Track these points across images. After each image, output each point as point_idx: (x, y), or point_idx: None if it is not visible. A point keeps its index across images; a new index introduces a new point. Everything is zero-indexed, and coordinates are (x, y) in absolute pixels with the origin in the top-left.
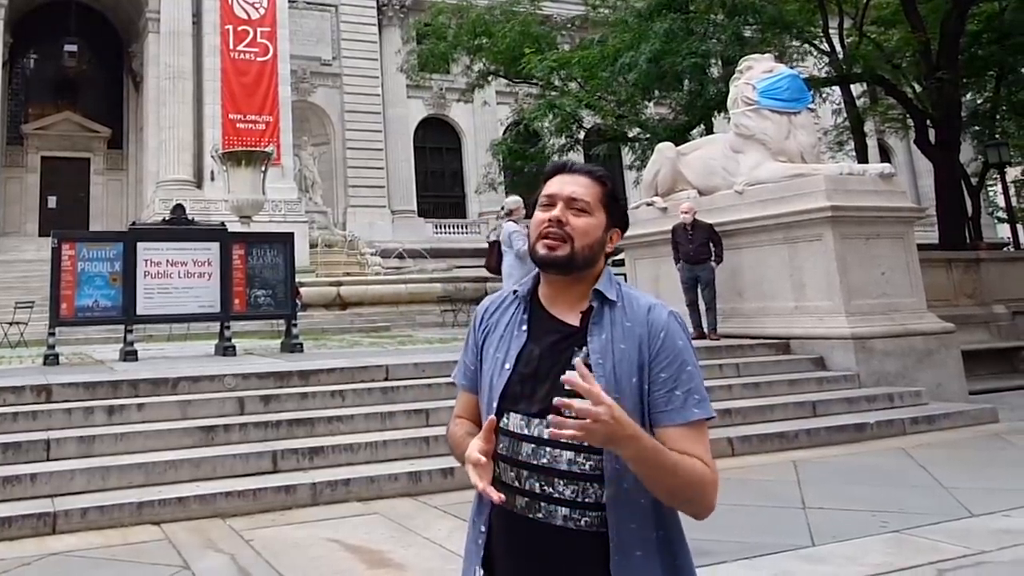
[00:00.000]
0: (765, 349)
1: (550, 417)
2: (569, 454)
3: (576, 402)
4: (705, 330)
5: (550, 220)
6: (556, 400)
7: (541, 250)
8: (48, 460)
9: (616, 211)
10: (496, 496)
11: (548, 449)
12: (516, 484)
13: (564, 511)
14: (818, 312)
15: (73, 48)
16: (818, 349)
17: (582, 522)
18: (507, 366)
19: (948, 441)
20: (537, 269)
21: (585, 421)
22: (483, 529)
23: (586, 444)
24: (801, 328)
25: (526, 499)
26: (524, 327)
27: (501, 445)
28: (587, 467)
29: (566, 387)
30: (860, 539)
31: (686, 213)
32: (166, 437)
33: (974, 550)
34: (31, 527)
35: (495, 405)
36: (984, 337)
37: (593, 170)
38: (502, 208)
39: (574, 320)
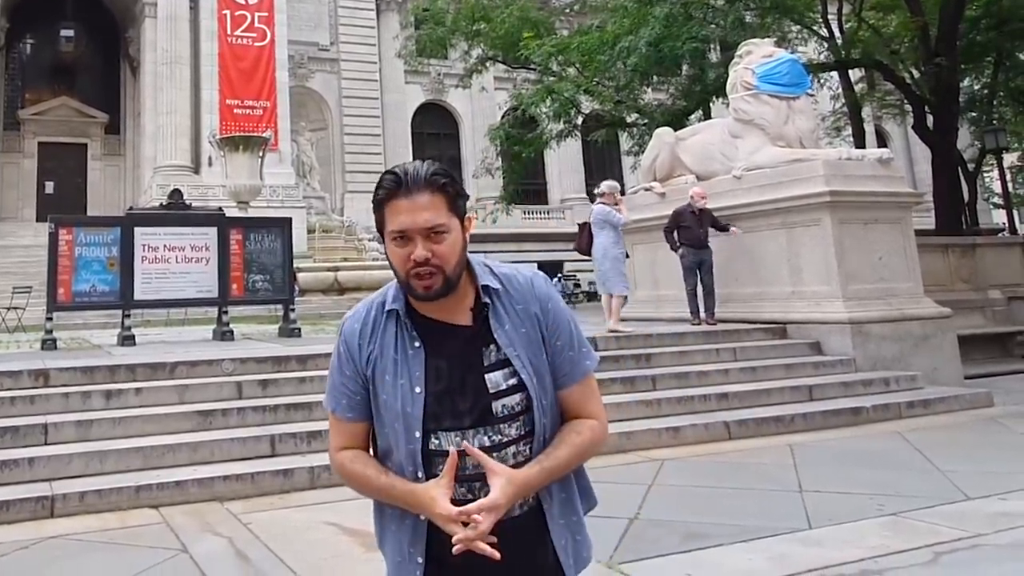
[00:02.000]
0: (762, 334)
1: (455, 538)
2: (512, 448)
3: (472, 507)
4: (702, 315)
5: (416, 262)
6: (458, 510)
7: (418, 289)
8: (46, 444)
9: (461, 201)
10: (494, 554)
11: (495, 455)
12: (470, 497)
13: (515, 502)
14: (815, 297)
15: (70, 33)
16: (815, 334)
17: (528, 500)
18: (418, 389)
19: (944, 425)
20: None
21: (487, 523)
22: (420, 560)
23: (526, 431)
24: (798, 313)
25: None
26: (417, 343)
27: (440, 467)
28: (527, 451)
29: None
30: (857, 522)
31: (703, 198)
32: (164, 421)
33: (970, 533)
34: (29, 511)
35: (417, 434)
36: (980, 322)
37: (430, 179)
38: (596, 188)
39: (464, 320)
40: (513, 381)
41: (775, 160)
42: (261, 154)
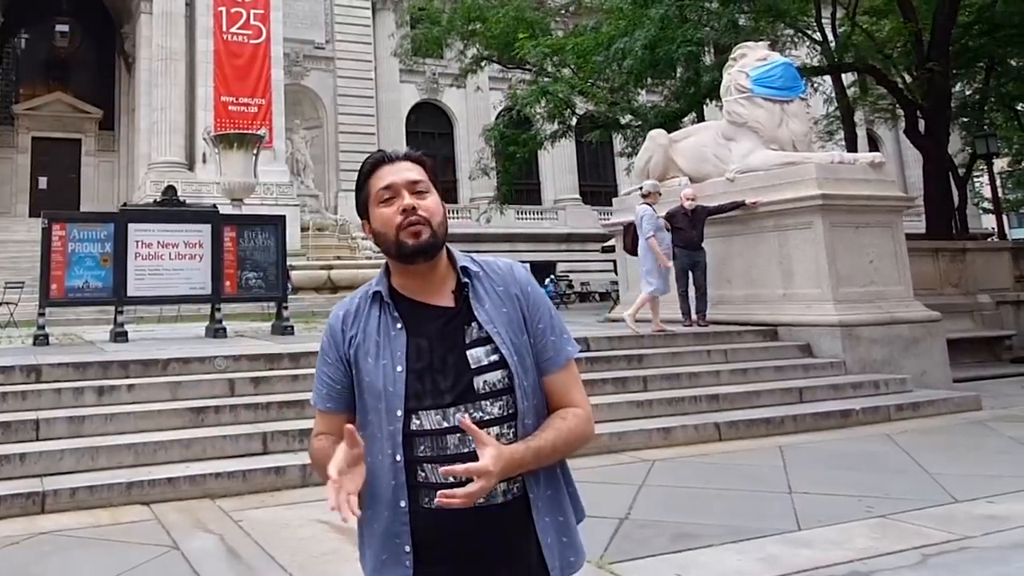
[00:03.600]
0: (753, 336)
1: (438, 494)
2: (495, 429)
3: (459, 468)
4: (693, 316)
5: (404, 210)
6: (442, 469)
7: (409, 240)
8: (37, 440)
9: (436, 179)
10: (356, 513)
11: None
12: (450, 480)
13: (503, 484)
14: (806, 299)
15: (65, 28)
16: (805, 336)
17: (514, 488)
18: (399, 368)
19: (932, 428)
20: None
21: (476, 487)
22: (407, 550)
23: (508, 412)
24: (789, 315)
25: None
26: (399, 324)
27: (421, 448)
28: (511, 435)
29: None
30: (845, 524)
31: (691, 200)
32: (156, 418)
33: (958, 535)
34: (20, 506)
35: (399, 413)
36: (969, 326)
37: (411, 153)
38: (640, 189)
39: (447, 302)
40: (495, 357)
41: (768, 163)
42: (255, 152)
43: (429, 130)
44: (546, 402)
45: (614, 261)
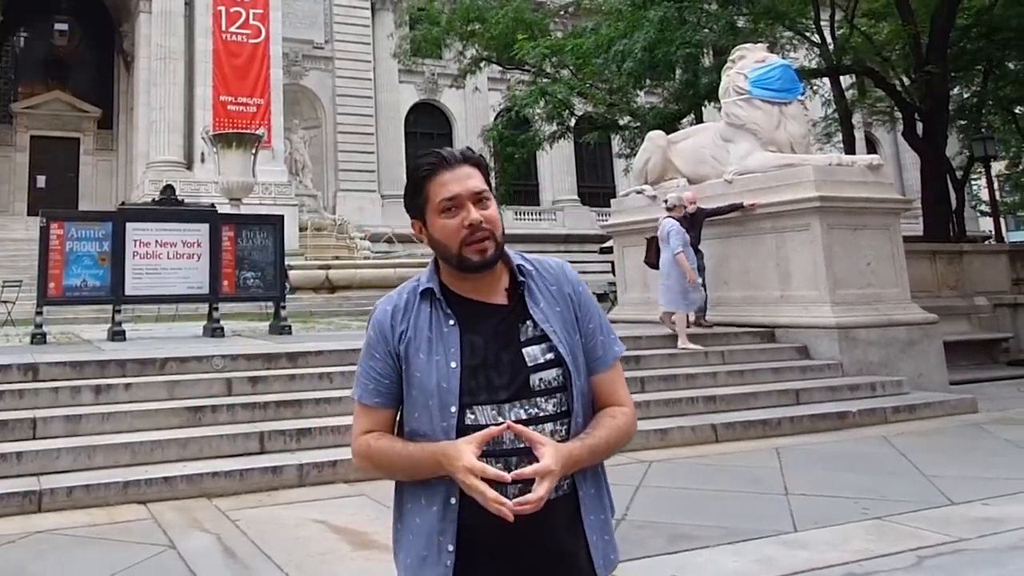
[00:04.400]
0: (750, 337)
1: (513, 502)
2: (549, 426)
3: (528, 470)
4: (692, 318)
5: (472, 225)
6: (513, 474)
7: (475, 257)
8: (34, 439)
9: (490, 183)
10: (511, 512)
11: (531, 428)
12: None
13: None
14: (803, 301)
15: (64, 27)
16: (803, 338)
17: (564, 485)
18: (453, 364)
19: (929, 430)
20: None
21: (544, 488)
22: (451, 548)
23: (562, 410)
24: (786, 317)
25: (519, 485)
26: (452, 321)
27: None
28: (563, 431)
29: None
30: (841, 525)
31: (692, 203)
32: (153, 417)
33: (953, 537)
34: (16, 505)
35: (453, 409)
36: (966, 328)
37: (468, 155)
38: (665, 201)
39: (500, 300)
40: (551, 356)
41: (766, 165)
42: (254, 151)
43: (428, 130)
44: (592, 400)
45: (612, 262)
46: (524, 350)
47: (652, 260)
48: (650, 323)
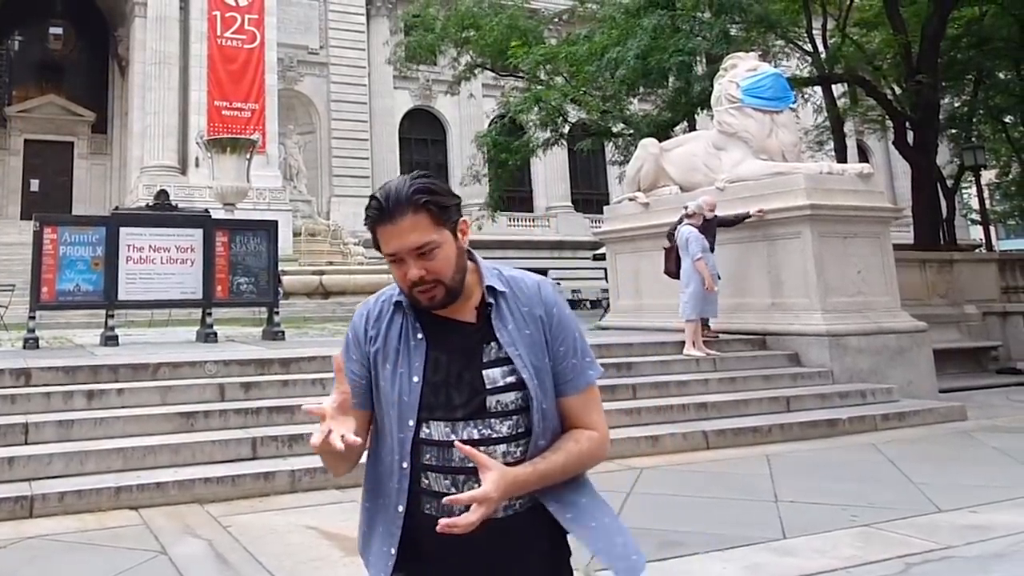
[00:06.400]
0: (741, 344)
1: (441, 521)
2: (502, 447)
3: (464, 497)
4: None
5: (412, 282)
6: (445, 499)
7: (424, 301)
8: (26, 444)
9: (449, 212)
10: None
11: (481, 448)
12: (453, 490)
13: (505, 500)
14: (794, 309)
15: (58, 31)
16: (793, 345)
17: (516, 504)
18: (416, 379)
19: (918, 437)
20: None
21: (475, 515)
22: (392, 552)
23: (518, 431)
24: (777, 324)
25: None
26: (420, 335)
27: (427, 455)
28: (518, 453)
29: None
30: (830, 532)
31: (711, 209)
32: (145, 422)
33: (941, 545)
34: (8, 511)
35: (411, 423)
36: (955, 336)
37: (410, 198)
38: (685, 207)
39: (469, 317)
40: (512, 379)
41: (757, 173)
42: (248, 156)
43: (422, 136)
44: (560, 423)
45: (605, 269)
46: (484, 371)
47: (672, 270)
48: (641, 330)
